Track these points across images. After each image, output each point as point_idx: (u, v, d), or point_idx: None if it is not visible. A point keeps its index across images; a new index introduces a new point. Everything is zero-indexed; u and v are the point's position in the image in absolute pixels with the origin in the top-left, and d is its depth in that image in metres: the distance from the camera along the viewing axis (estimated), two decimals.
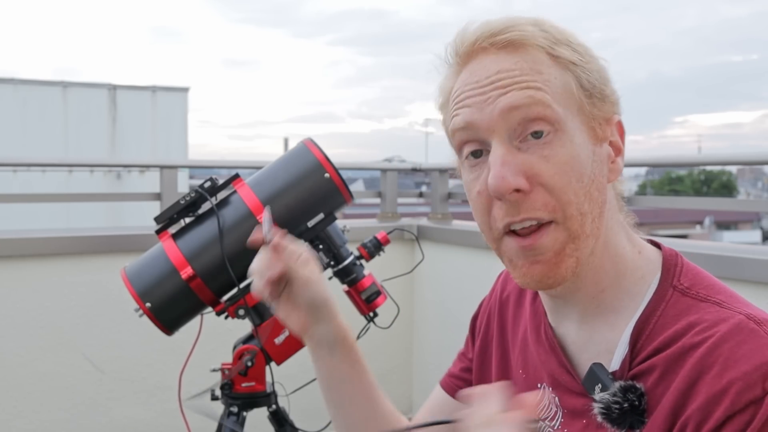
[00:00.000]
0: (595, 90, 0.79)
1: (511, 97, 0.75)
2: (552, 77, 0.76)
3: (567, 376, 0.83)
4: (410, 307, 3.11)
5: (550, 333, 0.87)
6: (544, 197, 0.75)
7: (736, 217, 28.03)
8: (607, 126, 0.80)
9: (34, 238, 2.50)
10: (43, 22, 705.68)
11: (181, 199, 1.57)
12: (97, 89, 12.41)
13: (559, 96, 0.76)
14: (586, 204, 0.76)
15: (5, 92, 11.51)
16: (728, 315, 0.73)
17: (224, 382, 1.68)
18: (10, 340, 2.43)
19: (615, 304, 0.80)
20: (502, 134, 0.76)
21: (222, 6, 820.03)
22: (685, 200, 3.00)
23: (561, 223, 0.75)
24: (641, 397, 0.74)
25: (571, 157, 0.75)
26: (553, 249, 0.76)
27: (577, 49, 0.79)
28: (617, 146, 0.82)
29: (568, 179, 0.75)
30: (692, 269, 0.82)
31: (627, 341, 0.78)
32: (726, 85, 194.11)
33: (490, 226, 0.79)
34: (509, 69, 0.76)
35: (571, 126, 0.76)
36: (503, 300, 1.00)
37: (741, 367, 0.68)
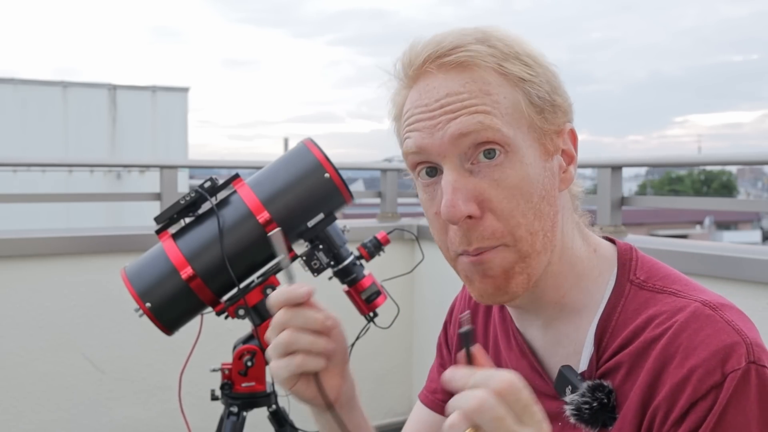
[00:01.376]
0: (545, 104, 0.78)
1: (460, 123, 0.75)
2: (501, 97, 0.76)
3: (539, 380, 0.84)
4: (410, 307, 3.11)
5: (520, 338, 0.88)
6: (492, 224, 0.76)
7: (736, 217, 28.03)
8: (559, 137, 0.80)
9: (34, 238, 2.50)
10: (43, 22, 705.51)
11: (181, 199, 1.57)
12: (97, 89, 12.42)
13: (509, 116, 0.76)
14: (536, 223, 0.77)
15: (5, 92, 11.52)
16: (684, 303, 0.75)
17: (224, 382, 1.69)
18: (10, 340, 2.43)
19: (577, 306, 0.82)
20: (453, 159, 0.76)
21: (222, 6, 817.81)
22: (685, 200, 3.00)
23: (511, 245, 0.76)
24: (610, 395, 0.75)
25: (520, 179, 0.76)
26: (501, 266, 0.77)
27: (526, 62, 0.78)
28: (570, 154, 0.82)
29: (516, 203, 0.76)
30: (647, 262, 0.83)
31: (592, 341, 0.79)
32: (726, 85, 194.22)
33: (446, 246, 0.80)
34: (458, 92, 0.76)
35: (522, 145, 0.76)
36: (473, 306, 1.00)
37: (700, 354, 0.70)
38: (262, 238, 1.54)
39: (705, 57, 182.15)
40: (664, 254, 2.03)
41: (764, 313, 1.76)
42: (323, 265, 1.63)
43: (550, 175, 0.79)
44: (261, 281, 1.63)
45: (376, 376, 3.06)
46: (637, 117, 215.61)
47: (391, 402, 3.10)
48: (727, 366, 0.69)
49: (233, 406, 1.68)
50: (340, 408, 0.91)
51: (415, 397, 1.10)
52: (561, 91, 0.81)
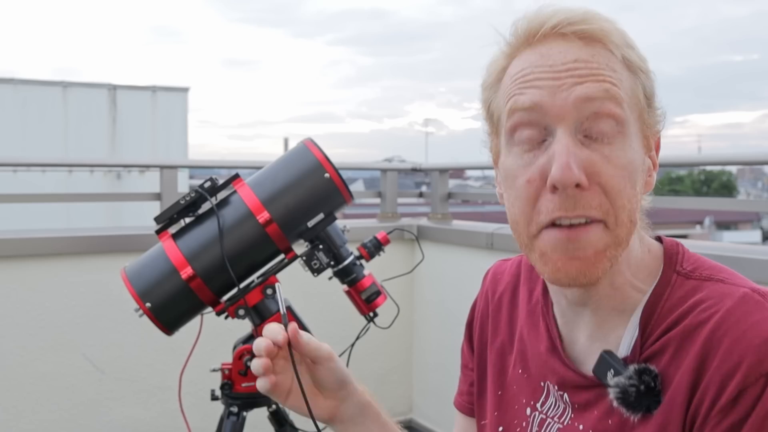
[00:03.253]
0: (653, 101, 0.78)
1: (587, 87, 0.73)
2: (623, 78, 0.75)
3: (573, 373, 0.83)
4: (410, 307, 3.11)
5: (555, 332, 0.86)
6: (600, 198, 0.73)
7: (736, 217, 28.03)
8: (652, 139, 0.80)
9: (34, 238, 2.50)
10: (43, 22, 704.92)
11: (181, 199, 1.57)
12: (97, 89, 12.41)
13: (628, 98, 0.75)
14: (636, 213, 0.76)
15: (5, 92, 11.51)
16: (733, 290, 0.74)
17: (224, 382, 1.69)
18: (10, 340, 2.43)
19: (625, 302, 0.80)
20: (570, 124, 0.73)
21: (222, 6, 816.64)
22: (685, 200, 3.00)
23: (612, 228, 0.74)
24: (656, 379, 0.74)
25: (629, 161, 0.74)
26: (595, 247, 0.74)
27: (641, 56, 0.78)
28: (654, 161, 0.82)
29: (624, 184, 0.74)
30: (693, 255, 0.82)
31: (636, 327, 0.78)
32: (726, 85, 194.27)
33: (530, 219, 0.76)
34: (587, 60, 0.74)
35: (633, 131, 0.76)
36: (497, 301, 0.99)
37: (751, 341, 0.69)
38: (262, 238, 1.54)
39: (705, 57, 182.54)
40: None
41: None
42: (323, 265, 1.63)
43: (644, 172, 0.78)
44: (261, 281, 1.63)
45: (376, 376, 3.06)
46: None
47: (391, 402, 3.10)
48: None
49: (233, 406, 1.68)
50: (342, 425, 0.97)
51: (416, 397, 1.10)
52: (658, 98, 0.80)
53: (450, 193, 3.33)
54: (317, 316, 2.03)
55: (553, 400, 0.86)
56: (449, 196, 3.32)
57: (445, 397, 3.16)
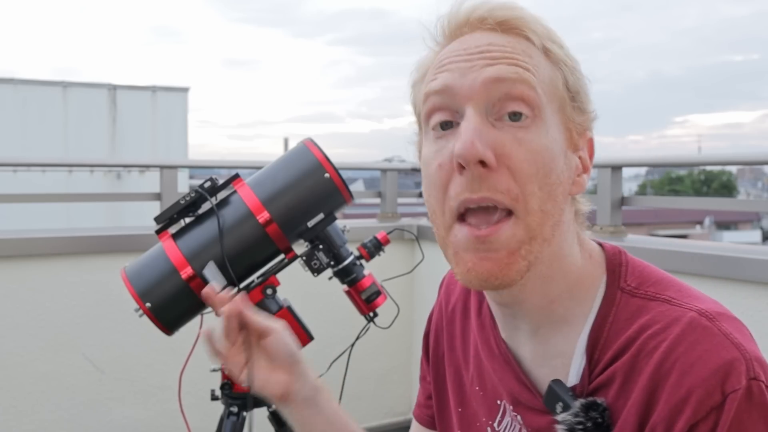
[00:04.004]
0: (578, 96, 0.76)
1: (497, 69, 0.71)
2: (541, 67, 0.73)
3: (527, 394, 0.80)
4: (410, 307, 3.11)
5: (504, 347, 0.83)
6: (508, 181, 0.70)
7: (736, 217, 28.04)
8: (581, 138, 0.77)
9: (34, 238, 2.50)
10: (43, 22, 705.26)
11: (181, 199, 1.57)
12: (97, 89, 12.41)
13: (545, 86, 0.73)
14: (549, 203, 0.72)
15: (5, 92, 11.51)
16: (679, 313, 0.71)
17: (224, 382, 1.68)
18: (10, 340, 2.43)
19: (566, 315, 0.77)
20: (479, 104, 0.71)
21: (222, 6, 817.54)
22: (685, 200, 3.01)
23: (522, 217, 0.70)
24: (604, 413, 0.71)
25: (543, 147, 0.71)
26: (507, 247, 0.70)
27: (566, 52, 0.76)
28: (585, 163, 0.79)
29: (536, 169, 0.70)
30: (638, 266, 0.78)
31: (582, 352, 0.75)
32: (726, 85, 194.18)
33: (443, 208, 0.73)
34: (502, 44, 0.73)
35: (549, 118, 0.73)
36: (449, 313, 0.97)
37: (699, 373, 0.66)
38: (262, 238, 1.54)
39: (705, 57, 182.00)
40: (664, 254, 2.03)
41: (764, 313, 1.76)
42: (323, 265, 1.63)
43: (568, 169, 0.75)
44: (261, 281, 1.63)
45: (376, 376, 3.06)
46: (637, 117, 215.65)
47: (391, 402, 3.10)
48: (726, 385, 0.65)
49: (233, 406, 1.68)
50: (296, 405, 0.97)
51: (415, 397, 1.10)
52: (589, 100, 0.78)
53: None
54: (317, 316, 2.03)
55: (509, 420, 0.83)
56: None
57: None
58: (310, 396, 0.97)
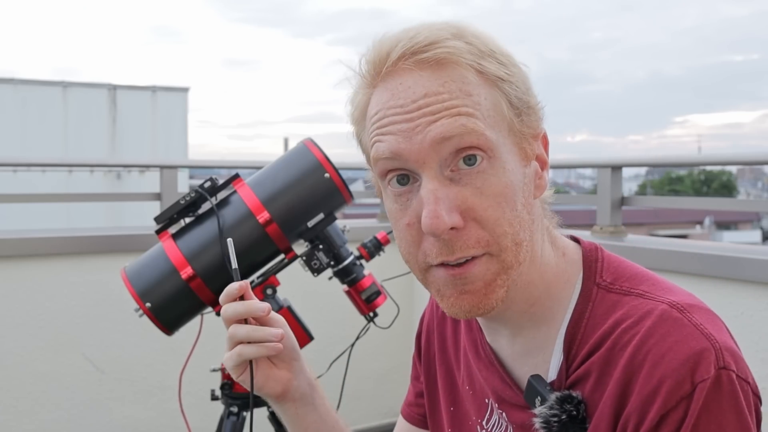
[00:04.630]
0: (522, 105, 0.74)
1: (441, 126, 0.70)
2: (482, 98, 0.72)
3: (510, 391, 0.82)
4: (410, 307, 3.11)
5: (488, 349, 0.85)
6: (477, 233, 0.71)
7: (736, 217, 28.04)
8: (535, 141, 0.77)
9: (34, 238, 2.50)
10: (43, 22, 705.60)
11: (181, 199, 1.57)
12: (97, 89, 12.42)
13: (491, 119, 0.72)
14: (521, 232, 0.73)
15: (5, 92, 11.51)
16: (651, 306, 0.72)
17: (224, 382, 1.68)
18: (10, 340, 2.43)
19: (545, 314, 0.78)
20: (433, 166, 0.71)
21: (221, 6, 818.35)
22: (685, 200, 3.00)
23: (495, 255, 0.72)
24: (579, 406, 0.72)
25: (504, 186, 0.72)
26: (483, 279, 0.72)
27: (502, 61, 0.74)
28: (543, 159, 0.79)
29: (501, 211, 0.71)
30: (613, 262, 0.80)
31: (560, 349, 0.77)
32: (726, 85, 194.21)
33: (416, 259, 0.75)
34: (437, 92, 0.70)
35: (503, 150, 0.72)
36: (440, 315, 0.98)
37: (669, 363, 0.67)
38: (262, 238, 1.54)
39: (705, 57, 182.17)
40: (664, 254, 2.03)
41: (764, 313, 1.76)
42: (323, 265, 1.63)
43: (528, 182, 0.75)
44: (261, 281, 1.63)
45: (376, 376, 3.06)
46: (637, 117, 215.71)
47: (391, 402, 3.10)
48: (696, 375, 0.66)
49: (233, 406, 1.68)
50: (293, 403, 0.96)
51: None
52: (533, 93, 0.77)
53: None
54: (317, 316, 2.03)
55: (496, 418, 0.85)
56: None
57: None
58: (307, 393, 0.97)
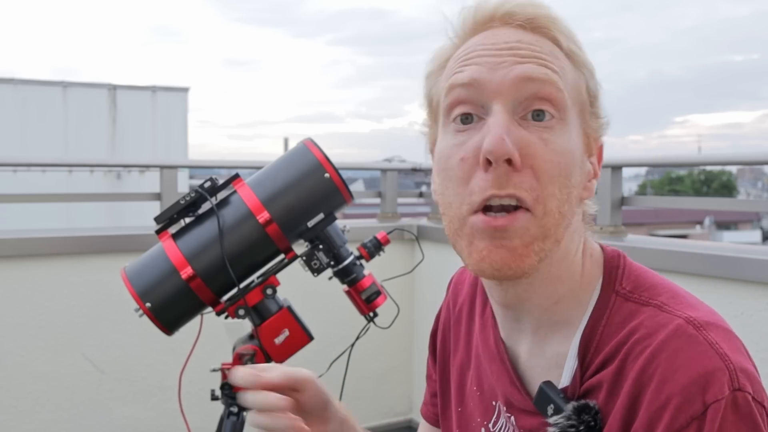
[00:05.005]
0: (596, 102, 0.76)
1: (528, 67, 0.71)
2: (566, 69, 0.74)
3: (519, 396, 0.80)
4: (410, 307, 3.11)
5: (502, 348, 0.83)
6: (531, 181, 0.70)
7: (736, 217, 28.04)
8: (595, 144, 0.78)
9: (34, 238, 2.50)
10: (43, 22, 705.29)
11: (181, 199, 1.57)
12: (97, 89, 12.41)
13: (570, 89, 0.73)
14: (566, 206, 0.72)
15: (5, 92, 11.51)
16: (667, 320, 0.70)
17: (224, 382, 1.68)
18: (10, 340, 2.43)
19: (566, 316, 0.77)
20: (507, 101, 0.71)
21: (222, 6, 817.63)
22: (685, 200, 3.01)
23: (539, 217, 0.70)
24: (596, 416, 0.70)
25: (566, 150, 0.72)
26: (522, 238, 0.70)
27: (588, 60, 0.76)
28: (596, 169, 0.79)
29: (558, 171, 0.71)
30: (635, 270, 0.78)
31: (575, 354, 0.75)
32: (726, 85, 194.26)
33: (462, 200, 0.73)
34: (531, 43, 0.73)
35: (573, 122, 0.73)
36: (456, 313, 0.96)
37: (679, 380, 0.65)
38: (262, 238, 1.54)
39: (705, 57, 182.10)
40: (664, 254, 2.03)
41: (764, 313, 1.76)
42: (323, 265, 1.63)
43: (582, 173, 0.75)
44: (261, 281, 1.63)
45: (376, 376, 3.06)
46: (637, 117, 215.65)
47: (391, 402, 3.10)
48: (708, 395, 0.63)
49: (233, 406, 1.68)
50: None
51: (415, 397, 1.10)
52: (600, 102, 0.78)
53: None
54: (317, 316, 2.03)
55: (503, 422, 0.83)
56: None
57: None
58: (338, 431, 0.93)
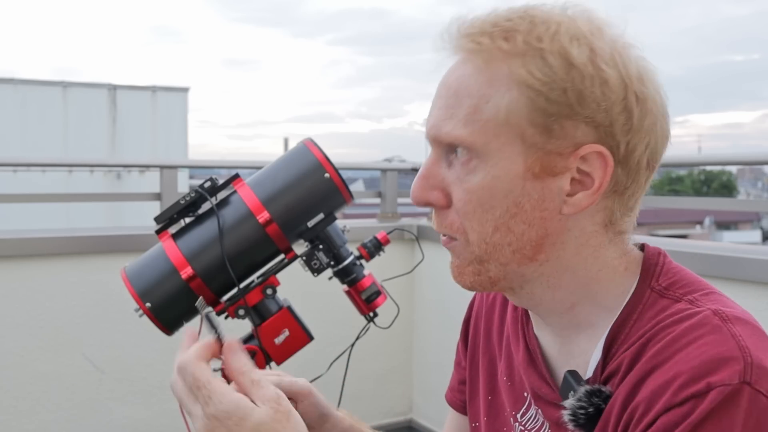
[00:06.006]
0: (554, 118, 0.70)
1: (432, 119, 0.77)
2: (488, 99, 0.71)
3: (546, 388, 0.81)
4: (410, 307, 3.11)
5: (533, 342, 0.85)
6: (453, 218, 0.77)
7: (736, 217, 28.05)
8: (566, 158, 0.71)
9: (34, 238, 2.50)
10: (43, 22, 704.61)
11: (181, 199, 1.57)
12: (97, 89, 12.42)
13: (488, 123, 0.71)
14: (497, 235, 0.74)
15: (5, 92, 11.52)
16: (695, 311, 0.70)
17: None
18: (10, 340, 2.43)
19: (590, 318, 0.78)
20: (437, 147, 0.78)
21: (221, 6, 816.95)
22: (685, 200, 3.00)
23: (465, 245, 0.77)
24: (607, 400, 0.71)
25: (480, 188, 0.73)
26: (459, 259, 0.79)
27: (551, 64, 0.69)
28: (591, 177, 0.72)
29: (473, 208, 0.75)
30: (673, 269, 0.77)
31: (601, 348, 0.75)
32: (726, 85, 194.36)
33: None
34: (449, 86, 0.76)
35: (496, 156, 0.72)
36: (490, 302, 0.98)
37: (690, 362, 0.65)
38: (262, 238, 1.54)
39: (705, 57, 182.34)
40: None
41: (764, 313, 1.76)
42: (323, 265, 1.63)
43: (536, 197, 0.72)
44: (261, 281, 1.63)
45: (376, 376, 3.06)
46: None
47: (391, 402, 3.10)
48: (714, 377, 0.63)
49: None
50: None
51: (416, 397, 1.10)
52: (603, 103, 0.69)
53: None
54: (317, 316, 2.02)
55: (533, 413, 0.84)
56: None
57: None
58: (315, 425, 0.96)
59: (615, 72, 0.70)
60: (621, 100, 0.70)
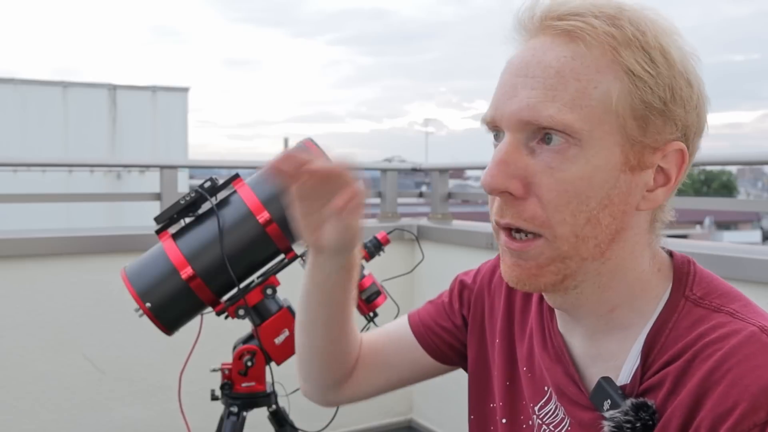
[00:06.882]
0: (651, 112, 0.70)
1: (521, 100, 0.70)
2: (592, 86, 0.69)
3: (573, 388, 0.80)
4: (410, 307, 3.09)
5: (559, 340, 0.83)
6: (534, 209, 0.71)
7: (736, 217, 28.05)
8: (655, 153, 0.72)
9: (34, 238, 2.50)
10: (43, 22, 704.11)
11: (181, 199, 1.57)
12: (97, 89, 12.42)
13: (592, 108, 0.69)
14: (588, 228, 0.71)
15: (5, 92, 11.52)
16: (740, 327, 0.69)
17: (224, 382, 1.69)
18: (10, 340, 2.43)
19: (625, 323, 0.77)
20: (515, 132, 0.71)
21: (222, 6, 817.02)
22: (685, 200, 2.99)
23: (550, 240, 0.71)
24: (653, 416, 0.70)
25: (578, 178, 0.69)
26: (536, 261, 0.73)
27: (652, 56, 0.69)
28: (667, 175, 0.73)
29: (567, 200, 0.70)
30: (706, 277, 0.77)
31: (638, 353, 0.74)
32: (726, 85, 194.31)
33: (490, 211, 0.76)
34: (548, 62, 0.70)
35: (596, 145, 0.69)
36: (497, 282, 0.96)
37: (748, 387, 0.64)
38: (262, 238, 1.54)
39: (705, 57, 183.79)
40: None
41: None
42: None
43: (624, 190, 0.71)
44: (261, 281, 1.63)
45: None
46: None
47: (391, 402, 3.10)
48: None
49: (233, 406, 1.68)
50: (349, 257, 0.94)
51: (415, 397, 1.10)
52: (687, 104, 0.71)
53: (450, 193, 3.33)
54: None
55: (552, 407, 0.83)
56: (449, 196, 3.32)
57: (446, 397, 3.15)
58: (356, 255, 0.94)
59: (694, 74, 0.73)
60: (695, 102, 0.73)
